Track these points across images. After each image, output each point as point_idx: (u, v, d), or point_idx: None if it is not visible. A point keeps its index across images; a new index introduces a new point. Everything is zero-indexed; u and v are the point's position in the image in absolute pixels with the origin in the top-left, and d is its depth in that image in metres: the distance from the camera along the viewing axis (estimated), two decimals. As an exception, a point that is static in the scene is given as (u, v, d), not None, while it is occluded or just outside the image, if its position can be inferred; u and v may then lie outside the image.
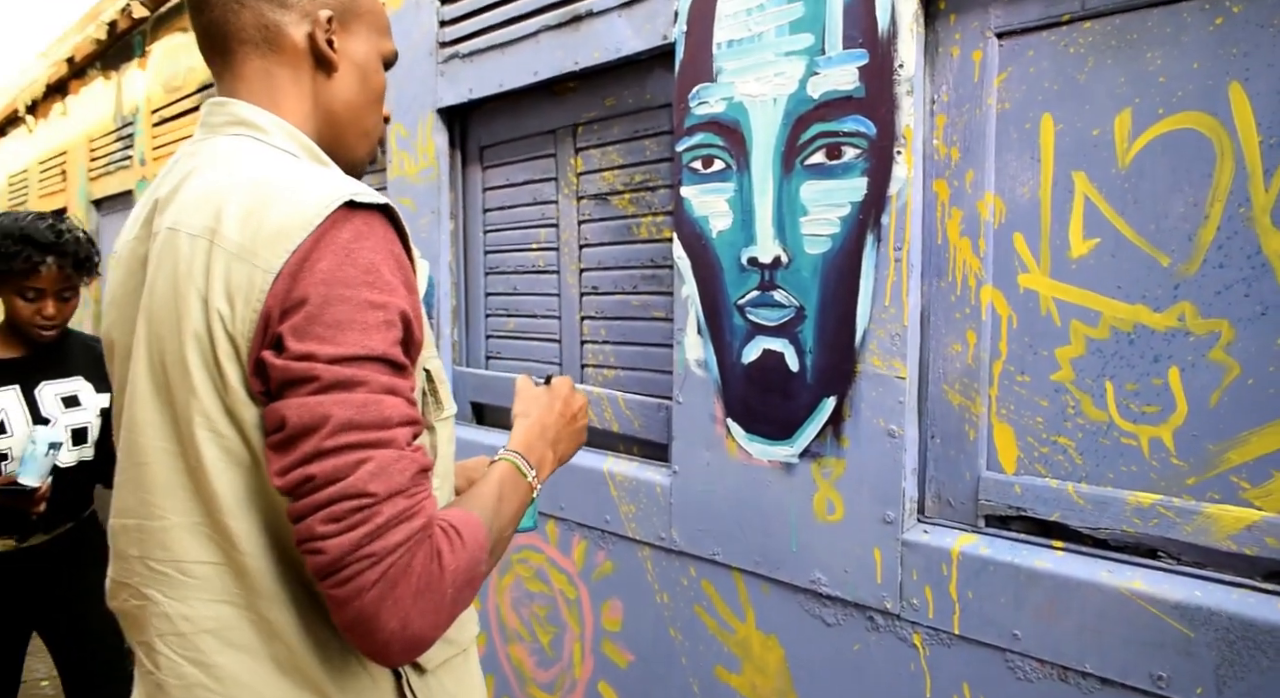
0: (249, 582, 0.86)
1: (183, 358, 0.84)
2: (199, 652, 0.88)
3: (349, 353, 0.77)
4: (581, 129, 1.85)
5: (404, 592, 0.74)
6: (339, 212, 0.80)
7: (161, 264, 0.86)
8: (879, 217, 1.25)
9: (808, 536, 1.36)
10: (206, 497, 0.86)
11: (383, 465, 0.76)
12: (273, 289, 0.79)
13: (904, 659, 1.26)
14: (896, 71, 1.23)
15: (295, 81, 0.96)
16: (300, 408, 0.76)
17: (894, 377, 1.25)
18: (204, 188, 0.87)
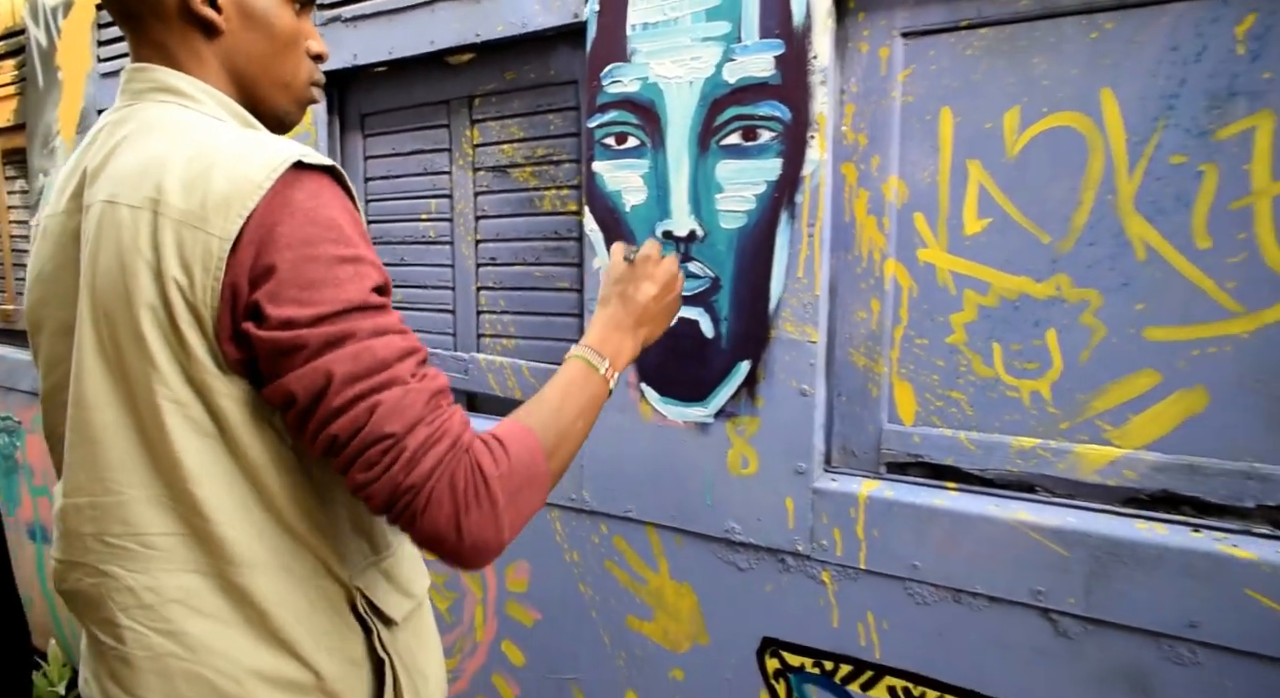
0: (217, 549, 0.87)
1: (137, 331, 0.83)
2: (167, 622, 0.88)
3: (328, 310, 0.79)
4: (479, 101, 1.86)
5: (455, 507, 0.80)
6: (289, 173, 0.82)
7: (103, 238, 0.85)
8: (793, 195, 1.37)
9: (722, 489, 1.48)
10: (168, 467, 0.86)
11: (393, 405, 0.80)
12: (236, 256, 0.80)
13: (814, 595, 1.40)
14: (811, 62, 1.35)
15: (187, 46, 0.95)
16: (301, 379, 0.79)
17: (806, 341, 1.38)
18: (140, 158, 0.86)
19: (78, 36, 2.70)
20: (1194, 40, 1.11)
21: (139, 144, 0.88)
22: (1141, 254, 1.16)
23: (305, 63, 1.03)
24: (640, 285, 1.21)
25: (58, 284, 0.93)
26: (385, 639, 0.97)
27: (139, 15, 0.94)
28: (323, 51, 1.05)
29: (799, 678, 1.43)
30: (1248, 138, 1.08)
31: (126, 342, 0.84)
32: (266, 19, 0.98)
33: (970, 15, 1.26)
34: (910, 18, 1.31)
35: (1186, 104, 1.12)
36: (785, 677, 1.45)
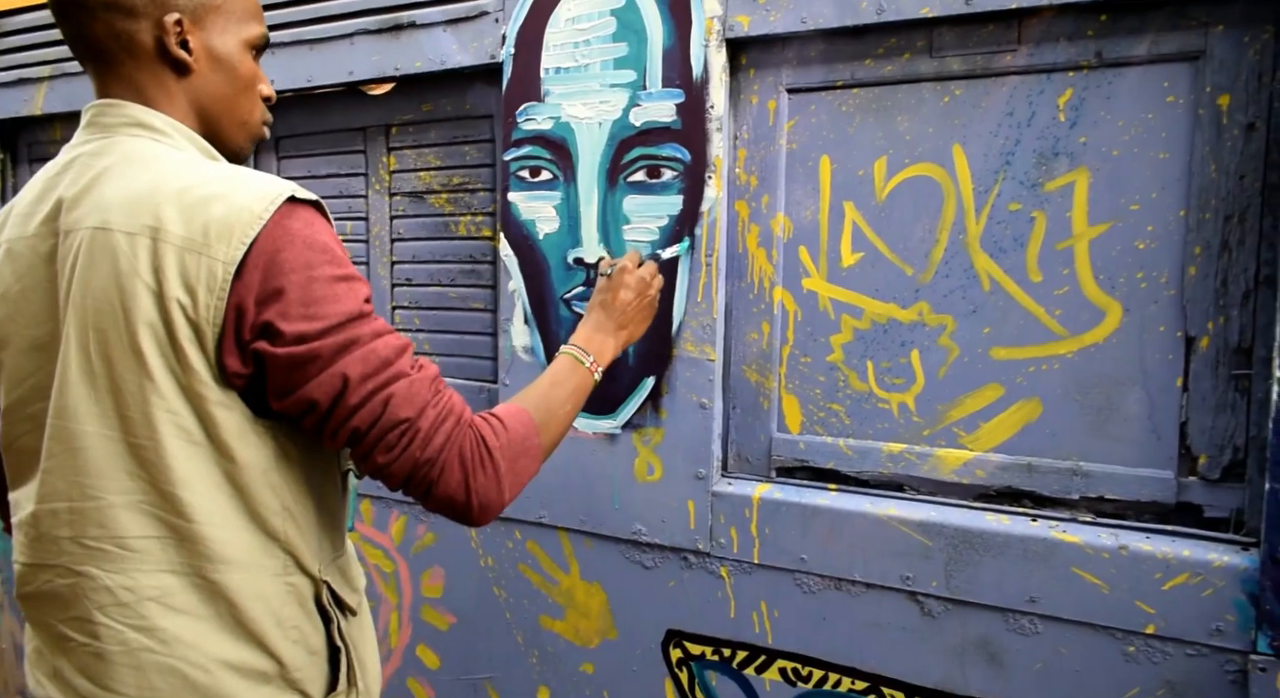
0: (197, 549, 0.96)
1: (134, 346, 0.92)
2: (142, 618, 0.96)
3: (334, 322, 0.92)
4: (395, 130, 1.96)
5: (463, 474, 0.97)
6: (284, 206, 0.93)
7: (94, 261, 0.93)
8: (693, 228, 1.53)
9: (629, 494, 1.62)
10: (155, 473, 0.94)
11: (403, 394, 0.94)
12: (241, 280, 0.91)
13: (713, 589, 1.55)
14: (708, 111, 1.51)
15: (159, 84, 1.04)
16: (319, 386, 0.91)
17: (705, 359, 1.54)
18: (129, 188, 0.94)
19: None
20: (1025, 107, 1.32)
21: (124, 175, 0.96)
22: (987, 285, 1.36)
23: (259, 103, 1.12)
24: (618, 293, 1.41)
25: (26, 303, 0.99)
26: (344, 629, 1.06)
27: (112, 53, 1.01)
28: (271, 94, 1.14)
29: (700, 665, 1.58)
30: (1069, 190, 1.30)
31: (119, 357, 0.92)
32: (230, 62, 1.07)
33: (845, 77, 1.45)
34: (794, 76, 1.49)
35: (1020, 160, 1.33)
36: (688, 665, 1.59)
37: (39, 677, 1.04)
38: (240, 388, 0.93)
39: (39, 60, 2.48)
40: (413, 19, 1.81)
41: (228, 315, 0.90)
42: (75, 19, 1.00)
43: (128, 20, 1.00)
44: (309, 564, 1.02)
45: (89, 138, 1.01)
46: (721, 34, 1.49)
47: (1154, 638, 1.24)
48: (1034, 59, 1.31)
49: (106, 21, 1.00)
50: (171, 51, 1.01)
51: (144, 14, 1.00)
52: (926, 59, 1.38)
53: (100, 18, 0.99)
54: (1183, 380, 1.26)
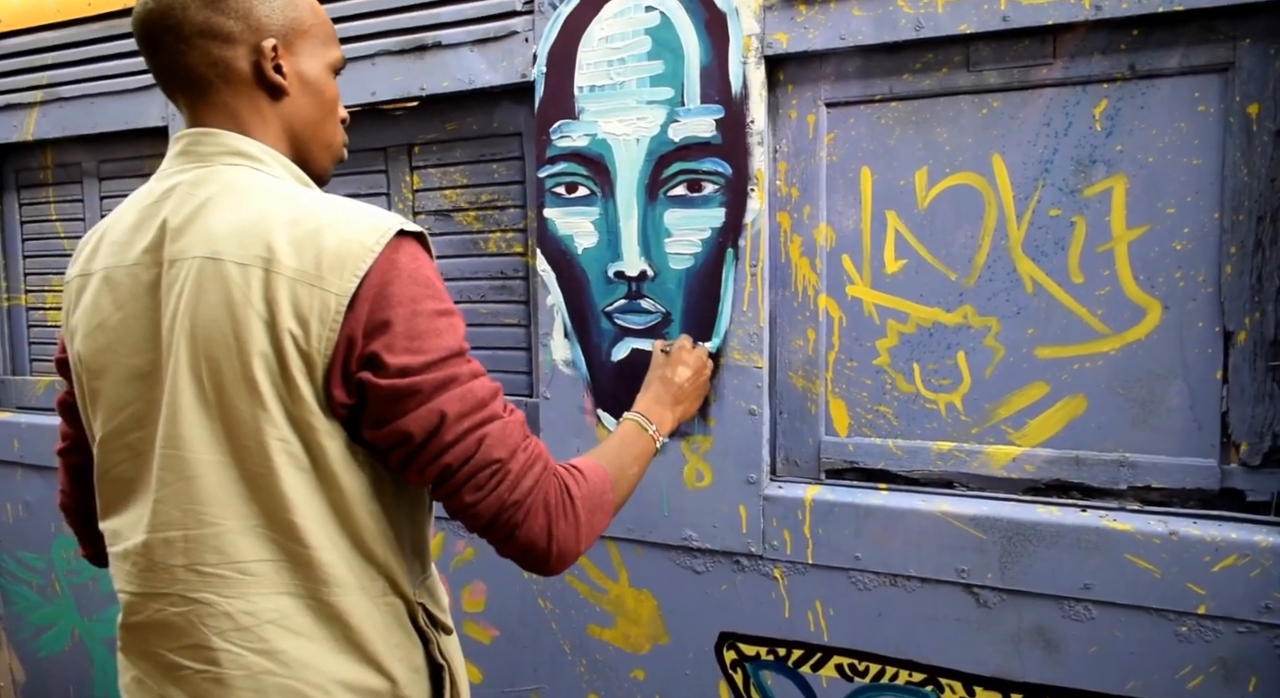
0: (312, 572, 0.97)
1: (248, 375, 0.93)
2: (263, 641, 0.97)
3: (436, 357, 0.93)
4: (419, 149, 1.97)
5: (547, 520, 0.97)
6: (394, 239, 0.95)
7: (205, 290, 0.94)
8: (736, 240, 1.57)
9: (678, 501, 1.65)
10: (269, 498, 0.95)
11: (496, 436, 0.95)
12: (353, 312, 0.92)
13: (766, 590, 1.59)
14: (748, 125, 1.56)
15: (255, 110, 1.05)
16: (417, 420, 0.92)
17: (752, 367, 1.58)
18: (237, 219, 0.95)
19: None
20: (1062, 118, 1.39)
21: (229, 205, 0.96)
22: (1030, 288, 1.43)
23: (340, 125, 1.13)
24: (676, 370, 1.46)
25: (127, 332, 0.99)
26: (443, 646, 1.08)
27: (208, 80, 1.01)
28: (347, 116, 1.16)
29: (755, 666, 1.62)
30: (1107, 195, 1.37)
31: (233, 385, 0.92)
32: (318, 86, 1.08)
33: (883, 91, 1.51)
34: (832, 91, 1.54)
35: (1059, 168, 1.40)
36: (742, 666, 1.63)
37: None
38: (342, 418, 0.94)
39: (30, 85, 2.44)
40: (438, 39, 1.83)
41: (338, 347, 0.91)
42: (169, 48, 1.01)
43: (225, 47, 1.01)
44: (404, 587, 1.04)
45: (186, 166, 1.01)
46: (760, 51, 1.54)
47: (1205, 618, 1.31)
48: (1069, 72, 1.38)
49: (203, 49, 1.00)
50: (268, 76, 1.02)
51: (240, 40, 1.01)
52: (964, 73, 1.44)
53: (197, 45, 1.00)
54: (1222, 373, 1.33)
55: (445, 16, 1.82)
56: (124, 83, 2.27)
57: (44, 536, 2.53)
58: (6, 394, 2.62)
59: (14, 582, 2.62)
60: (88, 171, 2.47)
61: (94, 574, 2.44)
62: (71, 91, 2.36)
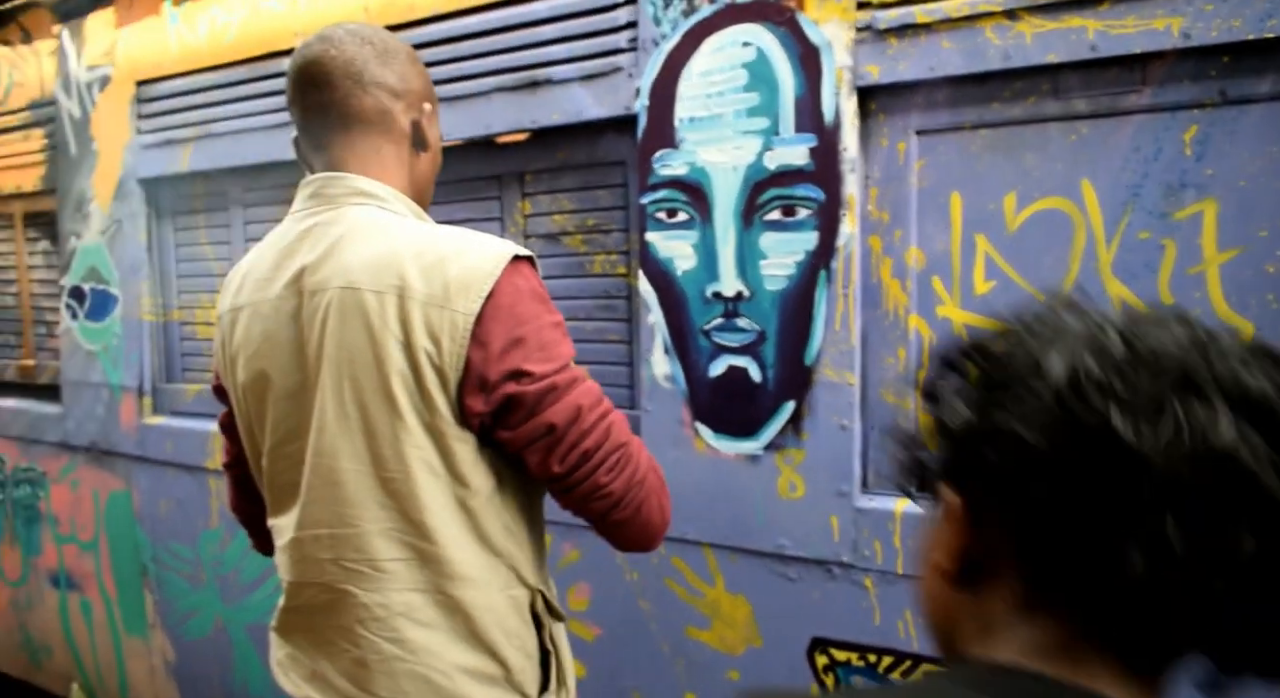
0: (440, 568, 1.09)
1: (386, 391, 1.06)
2: (394, 631, 1.09)
3: (563, 362, 1.08)
4: (530, 177, 2.12)
5: (659, 498, 1.13)
6: (510, 264, 1.07)
7: (345, 318, 1.06)
8: (829, 262, 1.65)
9: (772, 511, 1.73)
10: (403, 502, 1.08)
11: (618, 423, 1.11)
12: (482, 328, 1.04)
13: (857, 598, 1.66)
14: (841, 153, 1.63)
15: (398, 157, 1.20)
16: (557, 411, 1.05)
17: (845, 383, 1.65)
18: (370, 253, 1.08)
19: (115, 110, 2.88)
20: (1152, 144, 1.42)
21: (361, 241, 1.10)
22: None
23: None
24: None
25: (277, 358, 1.14)
26: (553, 634, 1.20)
27: (370, 124, 1.16)
28: None
29: (846, 671, 1.68)
30: (1198, 219, 1.40)
31: (372, 401, 1.06)
32: (436, 148, 1.28)
33: (972, 119, 1.56)
34: (923, 119, 1.61)
35: (1149, 193, 1.43)
36: (833, 671, 1.70)
37: (295, 679, 1.18)
38: (476, 425, 1.07)
39: (185, 122, 2.70)
40: (549, 76, 1.97)
41: (469, 360, 1.04)
42: (345, 91, 1.14)
43: (393, 100, 1.16)
44: (527, 576, 1.16)
45: (317, 208, 1.15)
46: (852, 82, 1.61)
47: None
48: (1159, 98, 1.41)
49: (377, 97, 1.15)
50: (423, 133, 1.19)
51: (404, 98, 1.18)
52: (1052, 101, 1.49)
53: (372, 93, 1.15)
54: (1317, 394, 1.34)
55: (555, 55, 1.95)
56: (267, 120, 2.49)
57: (193, 529, 2.78)
58: (161, 401, 2.90)
59: (166, 570, 2.88)
60: (234, 200, 2.71)
61: (235, 566, 2.67)
62: (222, 128, 2.61)
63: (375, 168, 1.17)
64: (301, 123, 1.19)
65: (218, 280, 2.78)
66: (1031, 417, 0.50)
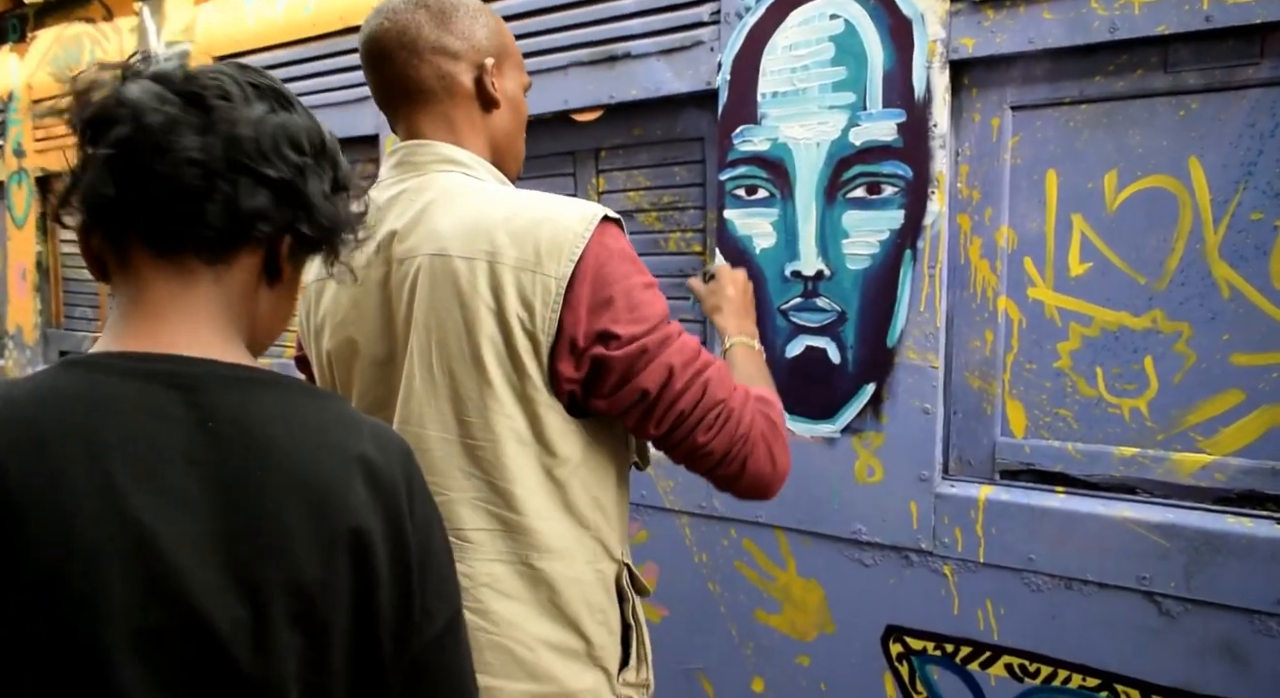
0: (524, 540, 1.07)
1: (476, 358, 1.04)
2: (478, 602, 1.08)
3: (654, 322, 1.04)
4: (605, 153, 2.10)
5: (767, 446, 1.09)
6: (600, 225, 1.05)
7: (435, 285, 1.05)
8: (915, 241, 1.61)
9: (849, 495, 1.70)
10: (489, 471, 1.06)
11: (715, 378, 1.07)
12: (573, 292, 1.02)
13: (935, 586, 1.62)
14: (931, 129, 1.58)
15: (469, 120, 1.17)
16: (649, 375, 1.03)
17: (928, 366, 1.61)
18: (458, 220, 1.06)
19: (192, 86, 2.92)
20: (1268, 119, 1.35)
21: (449, 208, 1.09)
22: (1226, 293, 1.40)
23: (523, 141, 1.27)
24: (726, 290, 1.50)
25: (366, 326, 1.13)
26: (636, 607, 1.18)
27: (433, 92, 1.14)
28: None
29: (921, 660, 1.64)
30: (1316, 199, 1.33)
31: (460, 368, 1.05)
32: (515, 102, 1.23)
33: (1073, 93, 1.50)
34: (1019, 94, 1.55)
35: (1263, 170, 1.36)
36: (908, 659, 1.66)
37: None
38: (568, 392, 1.05)
39: (261, 96, 2.72)
40: (628, 50, 1.94)
41: (561, 325, 1.02)
42: (403, 63, 1.13)
43: (453, 63, 1.14)
44: (614, 549, 1.14)
45: (404, 175, 1.14)
46: (945, 56, 1.56)
47: None
48: (1278, 71, 1.34)
49: (434, 63, 1.14)
50: (486, 90, 1.16)
51: (465, 57, 1.15)
52: (1160, 74, 1.43)
53: (428, 60, 1.13)
54: None
55: (635, 29, 1.93)
56: (341, 96, 2.51)
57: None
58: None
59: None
60: (307, 175, 2.73)
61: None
62: (296, 103, 2.63)
63: (449, 136, 1.16)
64: (376, 98, 1.20)
65: (289, 255, 2.81)
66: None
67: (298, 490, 0.68)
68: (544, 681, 1.07)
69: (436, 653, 0.77)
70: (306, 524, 0.68)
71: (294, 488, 0.68)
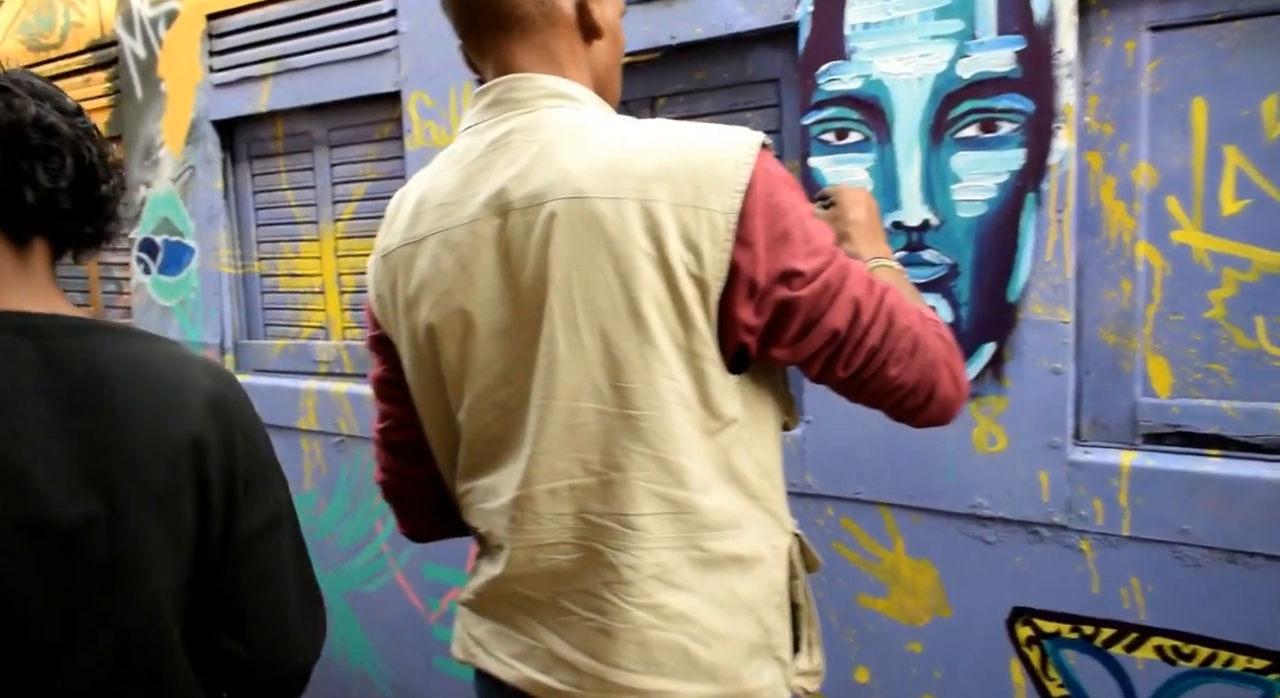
0: (694, 520, 0.93)
1: (635, 313, 0.89)
2: (646, 596, 0.93)
3: (829, 253, 0.93)
4: (662, 101, 1.91)
5: (949, 368, 0.97)
6: (761, 149, 0.92)
7: (574, 233, 0.90)
8: (1038, 183, 1.44)
9: (967, 466, 1.54)
10: (654, 443, 0.92)
11: (897, 304, 0.94)
12: (745, 227, 0.88)
13: (1070, 563, 1.47)
14: (1055, 56, 1.41)
15: (571, 51, 1.03)
16: (836, 314, 0.91)
17: (1057, 322, 1.45)
18: (590, 156, 0.91)
19: (184, 48, 2.69)
20: None
21: (577, 144, 0.93)
22: None
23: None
24: (849, 210, 1.27)
25: (479, 291, 0.96)
26: (805, 585, 1.03)
27: (532, 20, 0.99)
28: None
29: (1055, 644, 1.50)
30: None
31: (616, 327, 0.89)
32: (616, 32, 1.09)
33: (1223, 9, 1.34)
34: (1158, 13, 1.38)
35: None
36: (1039, 643, 1.52)
37: (503, 657, 1.02)
38: (740, 343, 0.91)
39: (263, 57, 2.51)
40: (691, -16, 1.76)
41: (734, 266, 0.88)
42: None
43: None
44: (784, 521, 1.01)
45: (505, 115, 0.98)
46: (1071, -28, 1.39)
47: None
48: None
49: None
50: (589, 18, 1.02)
51: None
52: (1333, -18, 1.26)
53: None
54: None
55: (699, -41, 1.74)
56: (356, 50, 2.30)
57: (283, 493, 2.64)
58: (244, 358, 2.74)
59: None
60: (318, 140, 2.53)
61: (332, 530, 2.53)
62: (303, 62, 2.42)
63: (551, 68, 1.01)
64: (459, 29, 1.04)
65: (302, 228, 2.61)
66: None
67: (145, 411, 0.83)
68: (724, 681, 0.93)
69: (256, 543, 0.91)
70: (152, 437, 0.83)
71: (141, 409, 0.83)
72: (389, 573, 2.44)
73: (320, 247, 2.58)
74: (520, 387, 0.94)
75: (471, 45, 1.04)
